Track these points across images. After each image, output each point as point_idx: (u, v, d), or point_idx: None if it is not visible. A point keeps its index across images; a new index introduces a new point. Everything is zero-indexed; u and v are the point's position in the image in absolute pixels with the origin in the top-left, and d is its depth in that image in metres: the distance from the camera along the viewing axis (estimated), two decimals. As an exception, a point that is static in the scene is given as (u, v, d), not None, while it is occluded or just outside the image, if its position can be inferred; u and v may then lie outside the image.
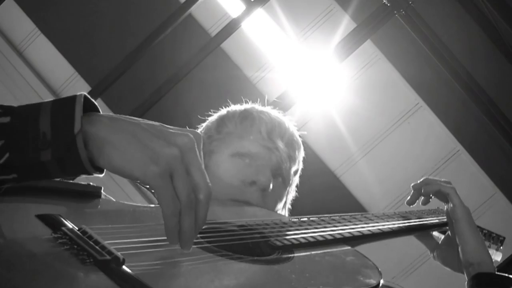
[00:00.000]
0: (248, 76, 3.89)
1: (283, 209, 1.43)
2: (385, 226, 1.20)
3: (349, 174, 3.92)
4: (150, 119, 0.81)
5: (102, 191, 0.93)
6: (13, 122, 0.72)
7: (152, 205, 0.99)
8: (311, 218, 1.12)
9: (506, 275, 1.24)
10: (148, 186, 0.76)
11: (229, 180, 1.30)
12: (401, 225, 1.26)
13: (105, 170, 0.78)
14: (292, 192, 1.46)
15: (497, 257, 1.45)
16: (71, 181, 0.88)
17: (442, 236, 1.41)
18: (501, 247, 1.46)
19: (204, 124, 1.49)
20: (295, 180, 1.46)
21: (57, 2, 4.05)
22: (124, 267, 0.69)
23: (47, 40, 4.09)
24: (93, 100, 0.78)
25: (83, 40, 4.04)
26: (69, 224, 0.76)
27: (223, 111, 1.46)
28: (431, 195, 1.39)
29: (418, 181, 1.39)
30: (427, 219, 1.37)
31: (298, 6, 3.80)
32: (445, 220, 1.37)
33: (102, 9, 3.96)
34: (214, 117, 1.47)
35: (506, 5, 3.02)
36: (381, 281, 0.88)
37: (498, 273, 1.26)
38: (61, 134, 0.72)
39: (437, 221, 1.37)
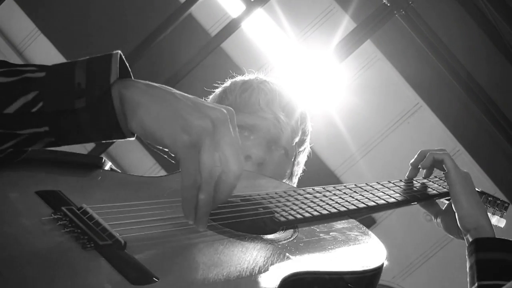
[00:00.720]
0: (248, 76, 3.89)
1: (288, 181, 1.40)
2: (391, 198, 1.18)
3: (349, 174, 3.92)
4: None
5: (103, 161, 0.91)
6: (48, 75, 0.72)
7: (155, 176, 0.97)
8: (315, 189, 1.11)
9: (505, 238, 1.21)
10: (173, 155, 0.75)
11: None
12: (405, 195, 1.24)
13: (135, 135, 0.76)
14: (300, 164, 1.44)
15: (500, 223, 1.41)
16: (72, 152, 0.86)
17: (447, 203, 1.37)
18: (505, 213, 1.43)
19: (210, 97, 1.46)
20: (303, 151, 1.44)
21: (57, 2, 4.06)
22: (125, 251, 0.69)
23: (47, 40, 4.09)
24: (128, 66, 0.77)
25: (83, 40, 4.04)
26: (70, 203, 0.75)
27: (227, 83, 1.44)
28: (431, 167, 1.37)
29: (415, 157, 1.37)
30: (432, 187, 1.34)
31: (298, 6, 3.81)
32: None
33: (102, 9, 3.96)
34: (219, 89, 1.44)
35: (506, 5, 3.02)
36: (385, 262, 0.87)
37: (497, 237, 1.23)
38: (96, 84, 0.72)
39: (443, 189, 1.34)
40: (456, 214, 1.26)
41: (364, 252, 0.90)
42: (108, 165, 0.93)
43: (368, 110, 3.81)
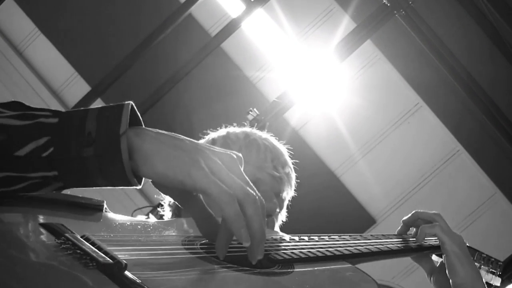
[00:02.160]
0: (248, 76, 3.89)
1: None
2: (384, 246, 1.23)
3: (349, 174, 3.92)
4: (150, 119, 0.82)
5: (104, 205, 0.95)
6: (60, 122, 0.75)
7: (156, 220, 1.01)
8: (311, 236, 1.15)
9: None
10: (191, 190, 0.77)
11: None
12: (399, 245, 1.29)
13: (142, 182, 0.80)
14: (283, 216, 1.49)
15: (496, 282, 1.45)
16: (75, 195, 0.89)
17: (440, 260, 1.42)
18: (500, 273, 1.46)
19: (202, 140, 1.44)
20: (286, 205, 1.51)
21: (57, 2, 4.06)
22: (126, 272, 0.70)
23: (47, 40, 4.09)
24: (138, 113, 0.81)
25: (83, 40, 4.04)
26: (73, 232, 0.77)
27: (221, 131, 1.45)
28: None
29: (407, 216, 1.40)
30: (425, 241, 1.38)
31: (298, 6, 3.81)
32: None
33: (102, 9, 3.97)
34: (212, 135, 1.45)
35: (506, 5, 3.02)
36: None
37: None
38: (106, 134, 0.75)
39: (436, 243, 1.38)
40: (451, 281, 1.31)
41: None
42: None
43: (368, 110, 3.81)
